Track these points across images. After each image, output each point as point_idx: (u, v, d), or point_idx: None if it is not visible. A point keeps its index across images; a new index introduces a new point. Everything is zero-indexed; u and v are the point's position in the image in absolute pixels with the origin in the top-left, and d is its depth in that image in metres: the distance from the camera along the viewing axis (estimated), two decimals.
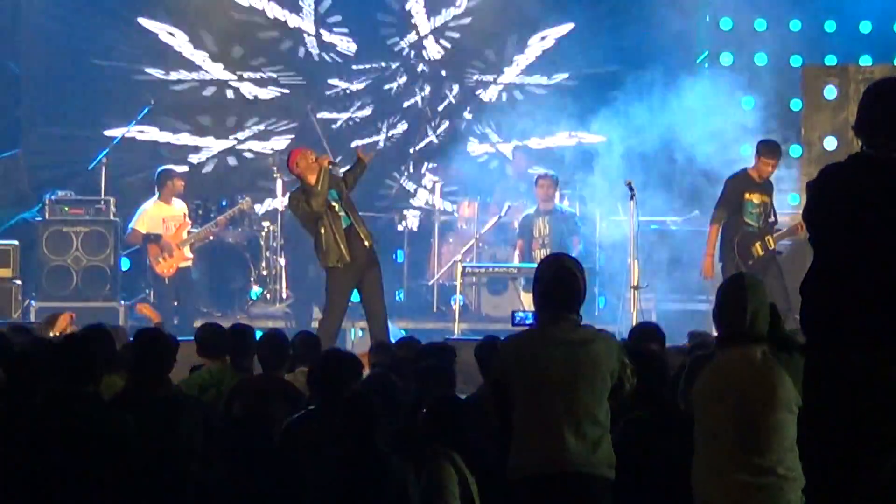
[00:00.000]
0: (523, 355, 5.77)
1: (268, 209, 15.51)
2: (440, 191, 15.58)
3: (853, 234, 4.64)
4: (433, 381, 6.98)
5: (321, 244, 11.08)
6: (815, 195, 4.80)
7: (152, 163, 15.21)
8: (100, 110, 15.85)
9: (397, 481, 5.68)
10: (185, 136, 16.28)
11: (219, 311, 14.09)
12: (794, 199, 14.02)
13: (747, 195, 11.87)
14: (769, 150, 11.95)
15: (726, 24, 15.91)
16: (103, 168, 14.52)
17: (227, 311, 14.19)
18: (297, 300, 14.36)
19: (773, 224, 12.02)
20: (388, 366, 7.90)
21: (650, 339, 7.38)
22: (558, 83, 16.37)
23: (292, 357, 7.95)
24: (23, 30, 15.90)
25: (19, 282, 13.76)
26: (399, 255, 15.21)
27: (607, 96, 15.29)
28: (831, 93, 13.76)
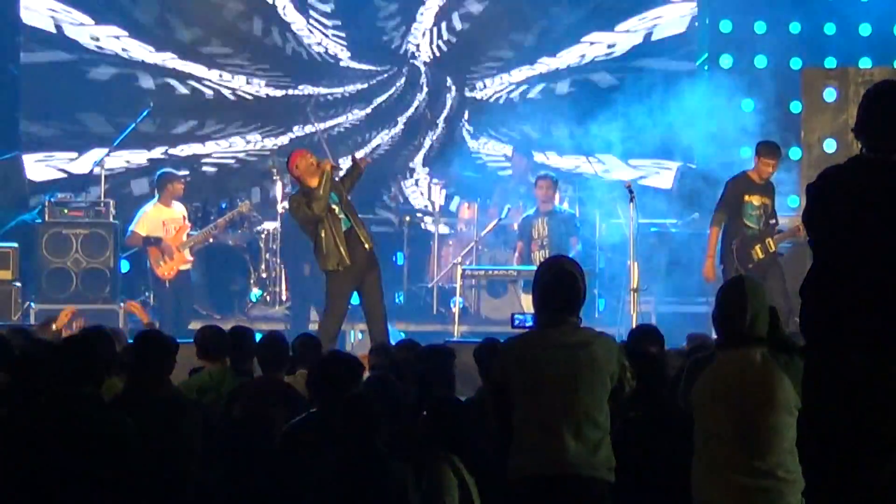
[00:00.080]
0: (523, 357, 5.77)
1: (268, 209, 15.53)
2: (440, 193, 15.57)
3: (853, 235, 4.65)
4: (433, 384, 6.98)
5: (321, 247, 11.06)
6: (815, 197, 4.80)
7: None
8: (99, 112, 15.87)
9: (397, 484, 5.68)
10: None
11: (218, 314, 14.07)
12: (794, 201, 14.02)
13: (747, 197, 11.85)
14: (768, 150, 11.93)
15: (726, 26, 15.91)
16: (103, 170, 14.52)
17: (227, 314, 14.17)
18: (294, 302, 14.32)
19: (774, 226, 11.98)
20: (387, 368, 7.90)
21: (649, 341, 7.36)
22: (558, 84, 16.36)
23: (292, 359, 7.95)
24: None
25: (19, 284, 13.74)
26: (399, 258, 15.20)
27: (607, 98, 15.29)
28: (831, 95, 13.76)
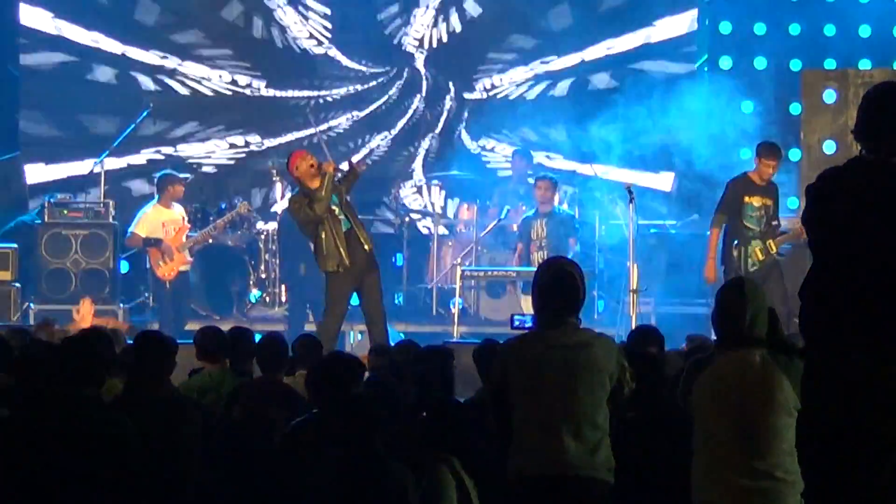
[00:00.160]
0: (523, 358, 5.77)
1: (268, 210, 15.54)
2: (439, 194, 15.56)
3: (852, 237, 4.65)
4: (432, 385, 6.98)
5: (321, 248, 11.06)
6: (815, 199, 4.80)
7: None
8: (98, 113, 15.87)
9: (397, 485, 5.68)
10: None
11: (218, 315, 14.06)
12: (794, 202, 14.01)
13: (747, 198, 11.84)
14: (768, 151, 11.92)
15: (725, 27, 15.91)
16: (102, 171, 14.52)
17: (226, 314, 14.16)
18: (291, 303, 14.31)
19: (776, 228, 11.95)
20: (386, 369, 7.90)
21: (649, 342, 7.38)
22: (557, 86, 16.35)
23: (292, 360, 7.95)
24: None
25: (18, 285, 13.75)
26: (398, 259, 15.20)
27: (607, 100, 15.29)
28: (831, 96, 13.75)
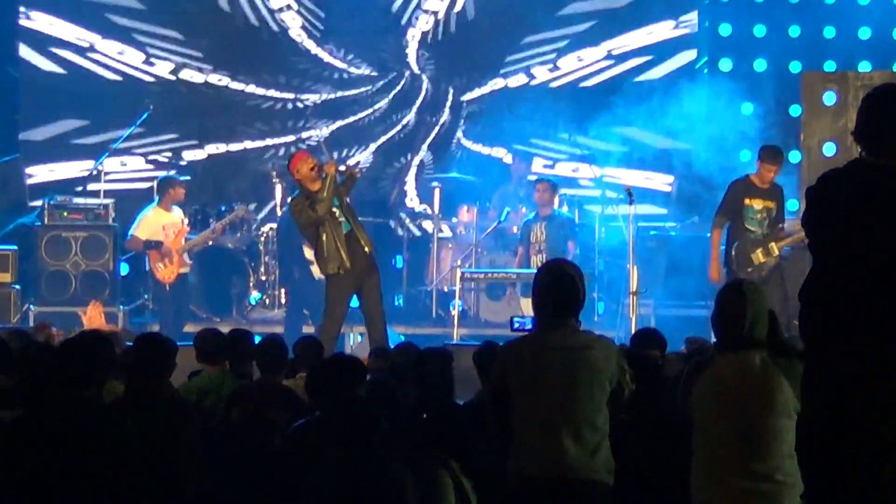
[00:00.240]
0: (523, 360, 5.77)
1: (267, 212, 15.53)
2: (439, 196, 15.56)
3: (852, 238, 4.65)
4: (432, 387, 6.98)
5: (322, 251, 11.06)
6: (815, 201, 4.80)
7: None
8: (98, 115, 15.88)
9: (396, 486, 5.68)
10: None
11: (217, 317, 14.05)
12: (794, 204, 13.98)
13: (747, 201, 11.83)
14: (770, 155, 11.91)
15: (725, 29, 15.92)
16: (102, 173, 14.52)
17: (226, 317, 14.16)
18: (288, 305, 14.30)
19: (780, 230, 11.87)
20: (386, 371, 7.90)
21: (652, 344, 7.41)
22: (558, 86, 16.35)
23: (293, 362, 7.94)
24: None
25: (18, 287, 13.75)
26: (398, 261, 15.20)
27: (606, 102, 15.29)
28: (831, 99, 13.75)
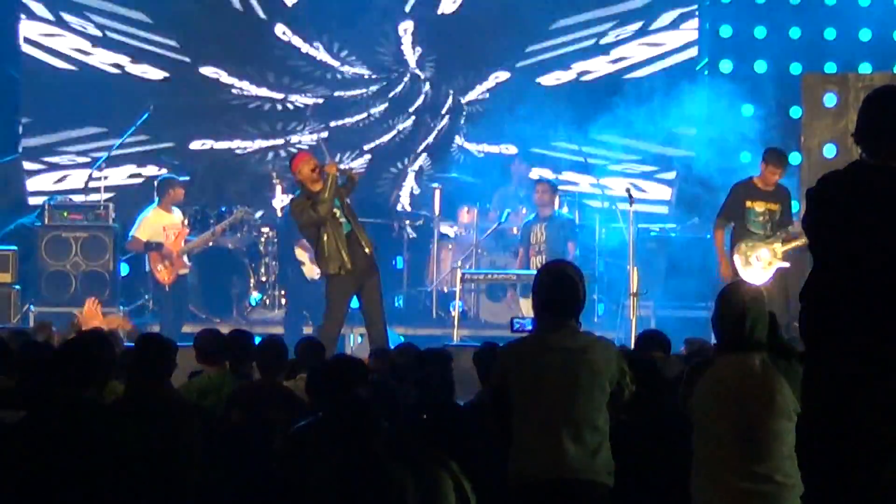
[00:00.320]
0: (523, 361, 5.78)
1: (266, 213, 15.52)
2: (439, 197, 15.56)
3: (852, 240, 4.64)
4: (432, 388, 6.98)
5: (323, 251, 11.06)
6: (815, 202, 4.80)
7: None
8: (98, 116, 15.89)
9: (396, 487, 5.67)
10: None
11: (217, 317, 14.05)
12: (794, 206, 14.00)
13: (749, 203, 11.81)
14: (774, 157, 11.89)
15: (726, 31, 15.92)
16: (102, 174, 14.52)
17: (226, 317, 14.15)
18: (288, 307, 14.29)
19: (786, 232, 11.76)
20: (386, 371, 7.90)
21: (656, 346, 7.42)
22: (558, 87, 16.35)
23: (293, 363, 7.94)
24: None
25: (18, 287, 13.75)
26: (398, 262, 15.20)
27: (607, 103, 15.30)
28: (831, 100, 13.74)
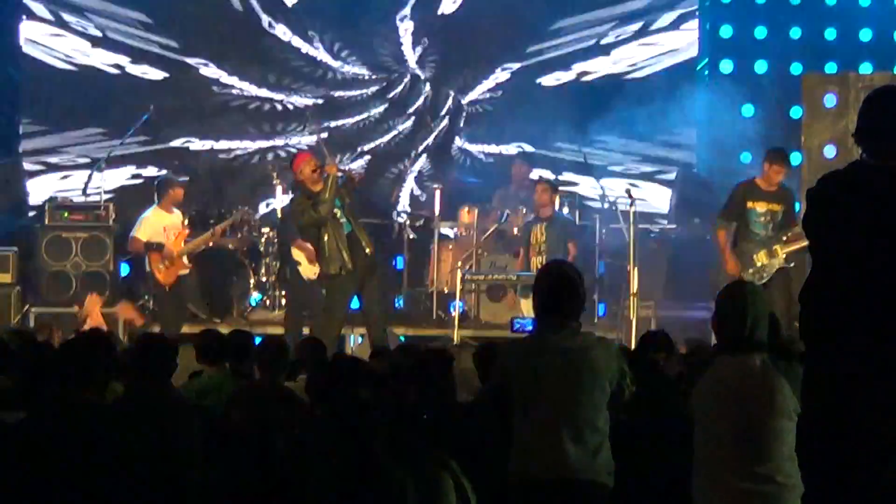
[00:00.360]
0: (523, 362, 5.78)
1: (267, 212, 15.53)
2: (439, 198, 15.56)
3: (852, 240, 4.65)
4: (432, 388, 6.98)
5: (324, 251, 11.07)
6: (815, 203, 4.80)
7: None
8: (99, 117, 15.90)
9: (396, 488, 5.67)
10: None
11: (218, 318, 14.04)
12: (797, 207, 14.00)
13: (750, 203, 11.80)
14: (777, 157, 11.87)
15: (726, 31, 15.92)
16: (102, 174, 14.53)
17: (226, 317, 14.14)
18: (287, 307, 14.26)
19: (790, 233, 11.75)
20: (386, 372, 7.89)
21: (659, 346, 7.42)
22: (558, 88, 16.35)
23: (294, 363, 7.94)
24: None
25: (19, 287, 13.75)
26: (399, 262, 15.20)
27: (607, 104, 15.30)
28: (831, 101, 13.74)
